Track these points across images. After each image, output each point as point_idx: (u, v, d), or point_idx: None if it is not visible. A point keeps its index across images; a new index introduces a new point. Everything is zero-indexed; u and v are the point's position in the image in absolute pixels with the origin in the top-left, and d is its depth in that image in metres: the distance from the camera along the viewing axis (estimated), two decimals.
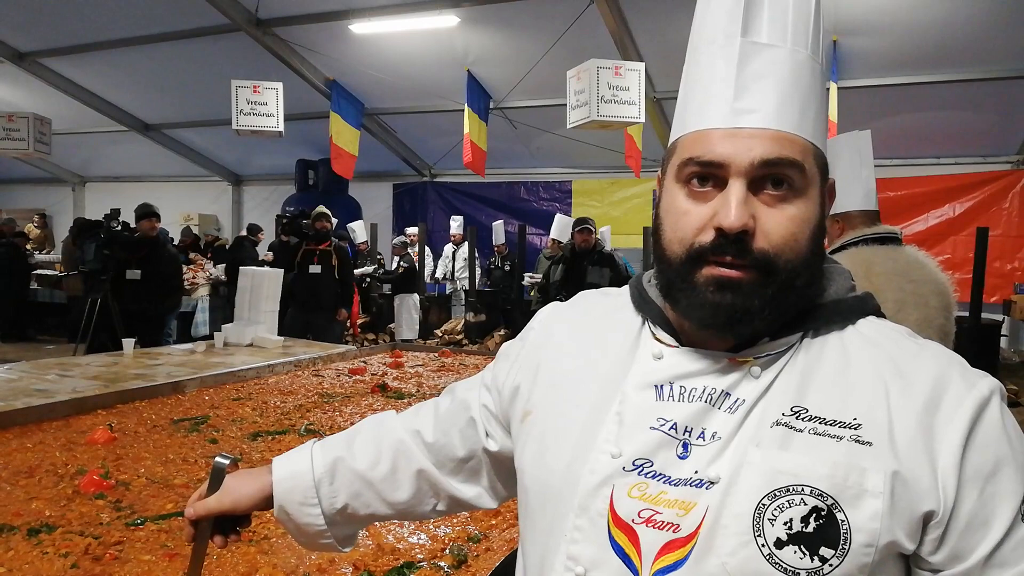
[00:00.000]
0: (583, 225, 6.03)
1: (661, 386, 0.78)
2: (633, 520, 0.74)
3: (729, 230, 0.71)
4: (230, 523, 0.99)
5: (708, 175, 0.74)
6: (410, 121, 10.51)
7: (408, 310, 9.01)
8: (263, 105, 8.26)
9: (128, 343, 4.49)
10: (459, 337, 9.31)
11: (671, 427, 0.75)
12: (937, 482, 0.68)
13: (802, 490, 0.69)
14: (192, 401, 3.15)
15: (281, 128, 8.05)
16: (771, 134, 0.72)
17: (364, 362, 4.31)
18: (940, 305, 2.35)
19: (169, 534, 1.73)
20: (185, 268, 8.37)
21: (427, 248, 10.21)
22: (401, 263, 9.11)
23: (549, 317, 0.95)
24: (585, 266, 5.77)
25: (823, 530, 0.68)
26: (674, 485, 0.73)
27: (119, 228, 5.81)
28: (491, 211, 10.80)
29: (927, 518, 0.68)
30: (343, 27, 8.16)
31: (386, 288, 9.30)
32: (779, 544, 0.68)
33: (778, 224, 0.72)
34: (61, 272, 10.48)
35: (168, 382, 3.32)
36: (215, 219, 13.55)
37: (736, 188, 0.72)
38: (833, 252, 2.48)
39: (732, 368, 0.75)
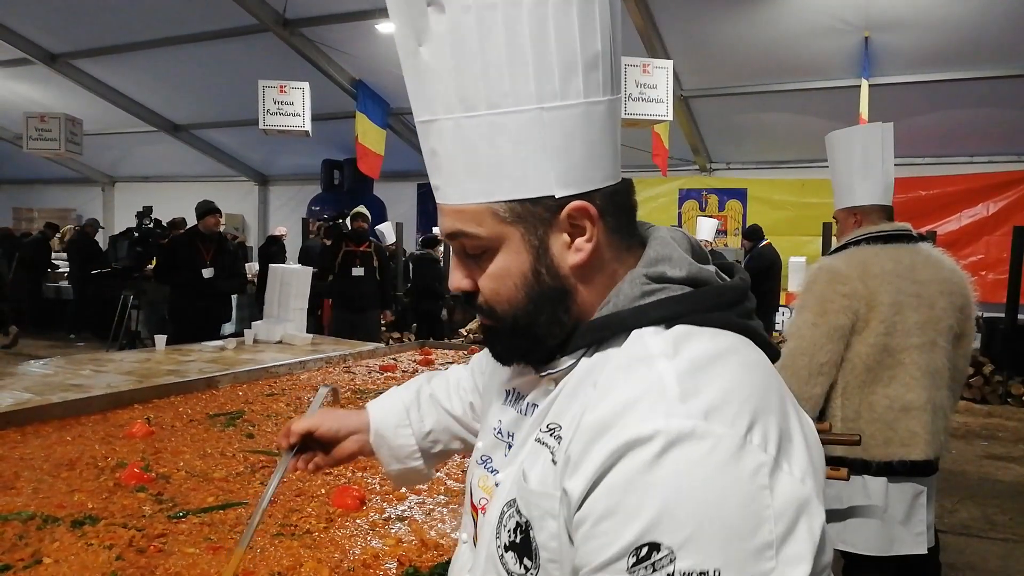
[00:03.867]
0: None
1: (508, 391, 0.91)
2: (477, 505, 0.90)
3: (452, 291, 0.83)
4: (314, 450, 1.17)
5: None
6: None
7: None
8: (290, 105, 8.31)
9: (160, 339, 4.52)
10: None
11: (499, 431, 0.89)
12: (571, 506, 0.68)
13: (514, 504, 0.77)
14: (226, 396, 3.16)
15: (308, 128, 8.09)
16: (447, 208, 0.78)
17: (394, 359, 4.31)
18: (949, 305, 2.28)
19: (212, 527, 1.73)
20: None
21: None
22: None
23: None
24: None
25: (525, 543, 0.75)
26: (495, 483, 0.85)
27: (151, 225, 5.87)
28: None
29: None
30: (369, 27, 8.20)
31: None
32: (506, 548, 0.78)
33: (483, 283, 0.79)
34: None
35: (202, 378, 3.33)
36: (241, 219, 13.67)
37: (452, 255, 0.83)
38: (834, 251, 2.43)
39: (538, 383, 0.84)
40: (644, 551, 0.60)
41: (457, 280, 0.81)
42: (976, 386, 7.41)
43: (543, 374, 0.82)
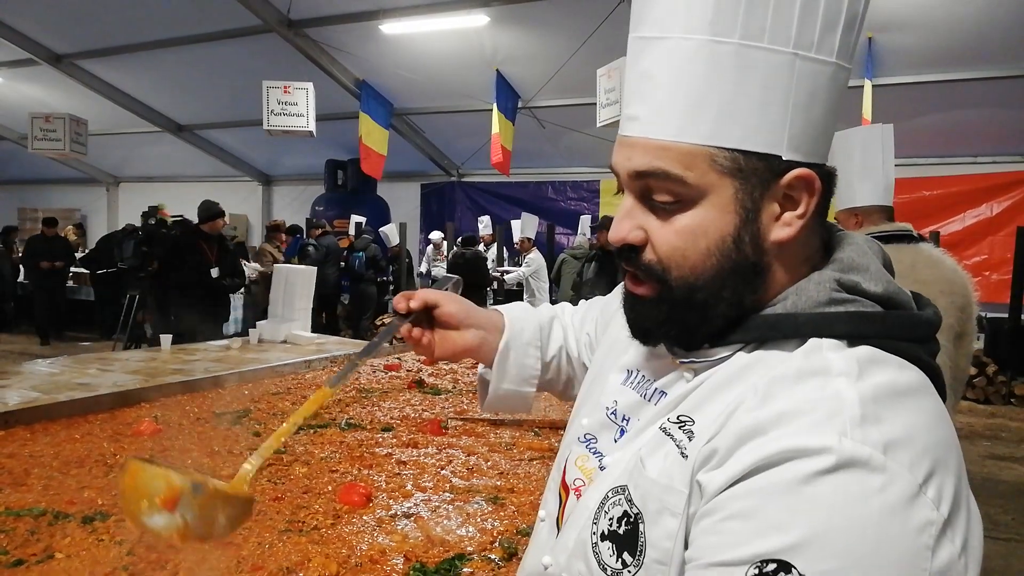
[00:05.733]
0: (605, 224, 6.02)
1: (631, 370, 0.83)
2: (570, 485, 0.83)
3: (612, 242, 0.72)
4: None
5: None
6: (438, 121, 10.56)
7: None
8: (293, 105, 8.34)
9: (166, 339, 4.54)
10: None
11: (613, 412, 0.82)
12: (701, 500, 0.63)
13: (624, 491, 0.71)
14: (232, 395, 3.17)
15: (312, 128, 8.12)
16: (646, 143, 0.67)
17: (398, 359, 4.33)
18: (950, 305, 2.30)
19: None
20: None
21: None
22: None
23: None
24: (618, 264, 5.77)
25: (630, 537, 0.69)
26: (600, 466, 0.80)
27: (155, 224, 5.91)
28: (518, 211, 10.83)
29: None
30: (373, 27, 8.22)
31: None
32: (603, 536, 0.71)
33: (664, 238, 0.69)
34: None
35: (207, 377, 3.35)
36: (245, 219, 13.70)
37: (625, 199, 0.72)
38: None
39: (672, 369, 0.76)
40: (770, 568, 0.54)
41: (625, 230, 0.71)
42: (980, 386, 7.41)
43: (684, 360, 0.73)
